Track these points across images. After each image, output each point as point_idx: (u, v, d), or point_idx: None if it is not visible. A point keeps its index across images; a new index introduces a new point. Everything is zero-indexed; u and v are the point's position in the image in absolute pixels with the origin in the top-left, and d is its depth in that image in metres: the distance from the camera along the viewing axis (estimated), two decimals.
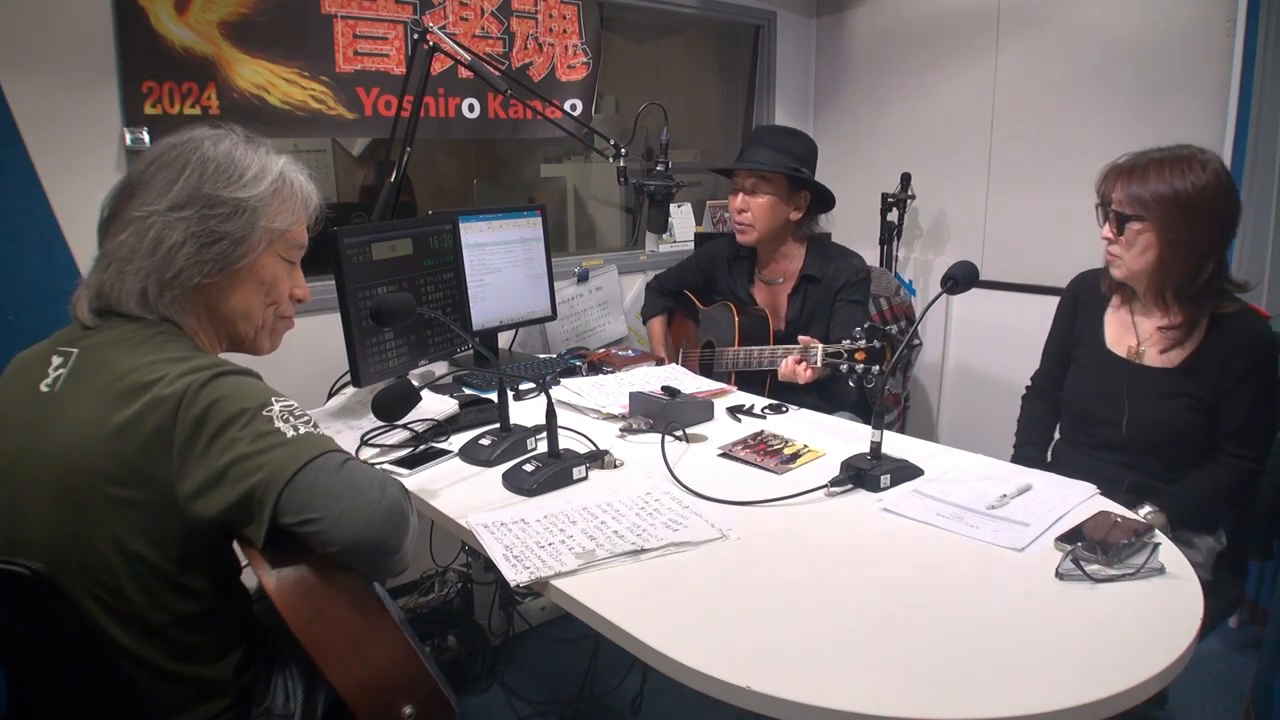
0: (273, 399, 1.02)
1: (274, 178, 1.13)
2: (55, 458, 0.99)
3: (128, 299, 1.05)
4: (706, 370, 2.31)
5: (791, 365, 1.83)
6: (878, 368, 1.60)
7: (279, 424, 1.00)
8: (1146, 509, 1.51)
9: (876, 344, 1.61)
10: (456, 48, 2.06)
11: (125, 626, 1.00)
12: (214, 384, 0.99)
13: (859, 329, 1.64)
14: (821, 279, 2.21)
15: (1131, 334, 1.67)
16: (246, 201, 1.09)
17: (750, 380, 2.15)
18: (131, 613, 1.00)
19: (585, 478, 1.48)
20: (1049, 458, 1.86)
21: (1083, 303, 1.77)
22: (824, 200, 2.24)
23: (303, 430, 1.01)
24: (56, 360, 1.05)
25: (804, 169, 2.19)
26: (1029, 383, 1.94)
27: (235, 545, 1.08)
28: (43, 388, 1.04)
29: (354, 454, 1.05)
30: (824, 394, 1.97)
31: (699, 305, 2.42)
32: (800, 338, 1.82)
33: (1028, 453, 1.84)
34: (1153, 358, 1.63)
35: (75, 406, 1.00)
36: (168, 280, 1.06)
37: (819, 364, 1.74)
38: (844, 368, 1.65)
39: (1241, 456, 1.57)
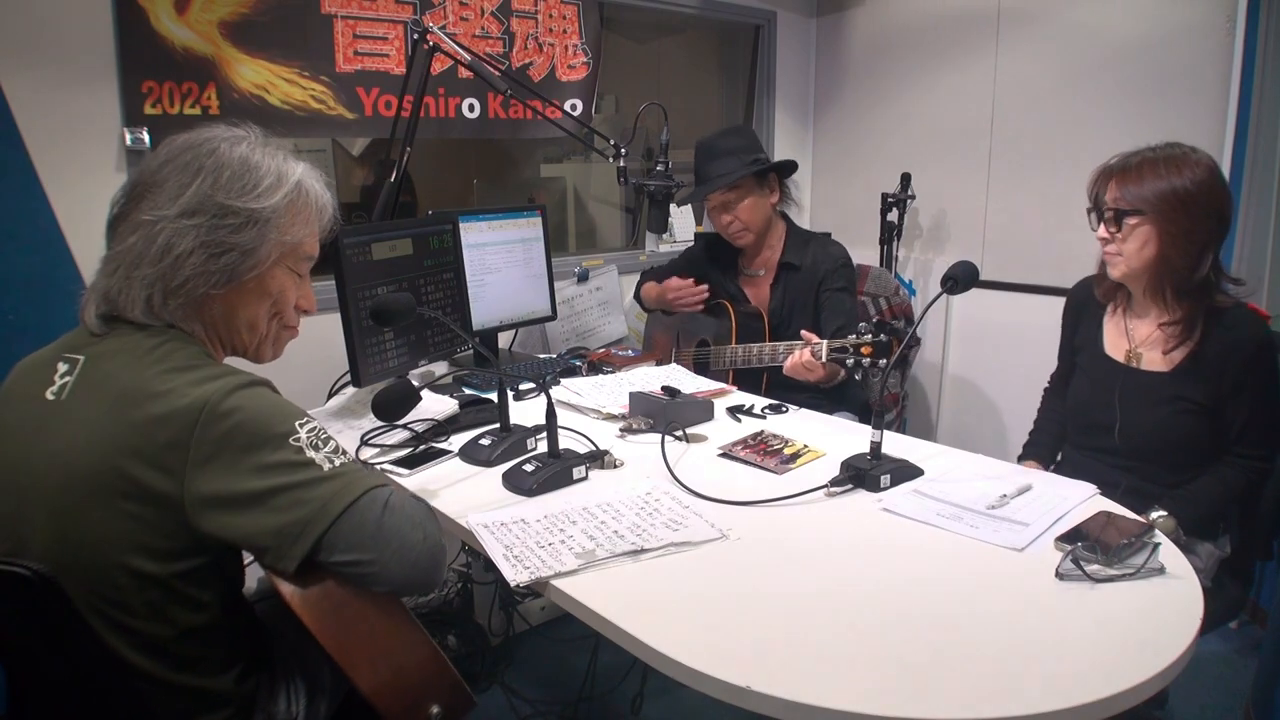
0: (296, 422, 1.00)
1: (290, 188, 1.09)
2: (60, 468, 0.97)
3: (133, 305, 1.03)
4: (702, 369, 2.31)
5: (799, 359, 1.80)
6: (884, 361, 1.59)
7: (310, 453, 0.99)
8: (1156, 514, 1.48)
9: (884, 338, 1.60)
10: (456, 48, 2.06)
11: (128, 639, 0.99)
12: (233, 398, 0.96)
13: (864, 324, 1.63)
14: (801, 266, 2.22)
15: (1126, 338, 1.66)
16: (259, 213, 1.06)
17: (747, 379, 2.15)
18: (135, 625, 0.99)
19: (585, 478, 1.48)
20: (1059, 457, 1.85)
21: (1083, 310, 1.77)
22: (786, 169, 2.26)
23: (338, 463, 1.01)
24: (62, 367, 1.03)
25: (758, 155, 2.20)
26: (1048, 382, 1.94)
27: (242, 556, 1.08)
28: (48, 395, 1.01)
29: (388, 483, 1.05)
30: (831, 393, 1.96)
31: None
32: (803, 333, 1.81)
33: (1036, 446, 1.84)
34: (1150, 361, 1.62)
35: (81, 417, 0.98)
36: (173, 288, 1.03)
37: (824, 359, 1.73)
38: (850, 362, 1.65)
39: (1251, 456, 1.56)
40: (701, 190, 2.22)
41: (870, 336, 1.62)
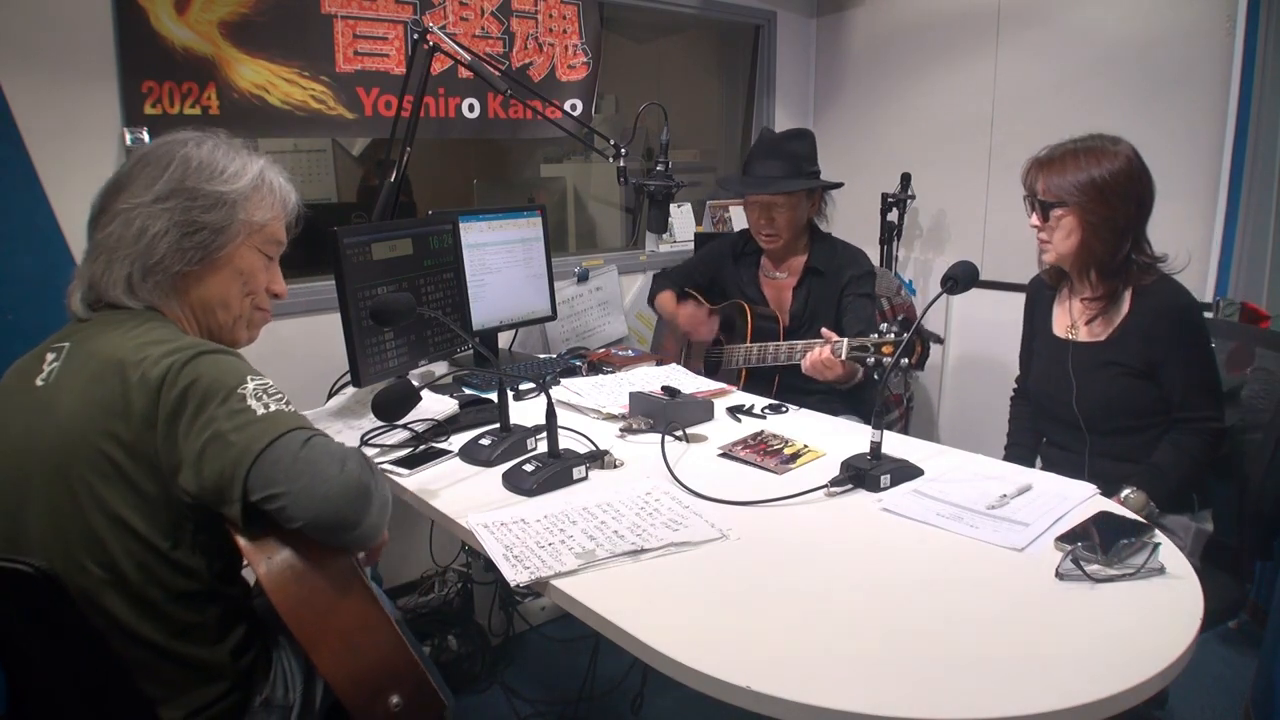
0: (248, 377, 1.05)
1: (254, 175, 1.19)
2: (52, 440, 1.03)
3: (114, 286, 1.10)
4: (714, 368, 2.30)
5: (819, 356, 1.79)
6: (907, 360, 1.59)
7: (251, 402, 1.03)
8: (1126, 491, 1.53)
9: (906, 336, 1.59)
10: (456, 48, 2.06)
11: (124, 600, 1.03)
12: (193, 364, 1.02)
13: (886, 324, 1.65)
14: (826, 272, 2.22)
15: (1069, 316, 1.77)
16: (227, 195, 1.15)
17: (758, 379, 2.15)
18: (129, 588, 1.03)
19: (585, 478, 1.48)
20: (1039, 460, 1.87)
21: (1037, 300, 1.87)
22: (834, 187, 2.28)
23: (273, 408, 1.04)
24: (50, 357, 1.10)
25: (815, 168, 2.20)
26: (1014, 388, 1.97)
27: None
28: (38, 382, 1.08)
29: (322, 431, 1.08)
30: (845, 395, 1.97)
31: (707, 305, 2.41)
32: (822, 331, 1.82)
33: (1017, 454, 1.87)
34: (1085, 333, 1.73)
35: (68, 393, 1.04)
36: (150, 267, 1.11)
37: (844, 356, 1.73)
38: (870, 361, 1.65)
39: (1198, 418, 1.61)
40: (754, 186, 2.19)
41: (894, 335, 1.62)
